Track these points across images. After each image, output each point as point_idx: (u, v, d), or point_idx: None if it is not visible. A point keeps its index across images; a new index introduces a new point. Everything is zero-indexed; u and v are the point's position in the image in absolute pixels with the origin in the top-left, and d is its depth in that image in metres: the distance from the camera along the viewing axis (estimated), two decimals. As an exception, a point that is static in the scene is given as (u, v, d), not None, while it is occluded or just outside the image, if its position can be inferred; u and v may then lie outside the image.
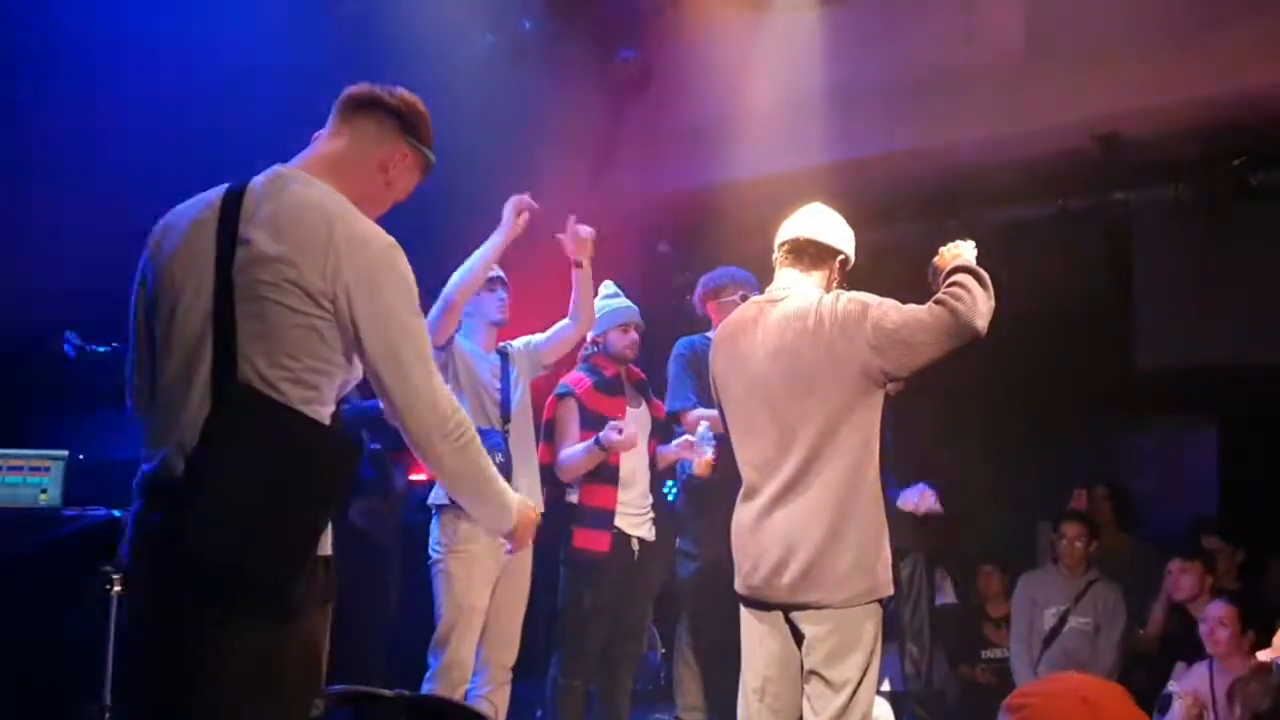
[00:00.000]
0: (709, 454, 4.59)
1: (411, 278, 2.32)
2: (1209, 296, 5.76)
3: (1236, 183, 5.60)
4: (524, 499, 2.68)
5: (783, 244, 3.50)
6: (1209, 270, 5.72)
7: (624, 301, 4.87)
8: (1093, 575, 5.56)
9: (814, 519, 3.21)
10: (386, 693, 1.63)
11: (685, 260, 6.98)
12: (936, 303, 3.13)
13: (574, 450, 4.64)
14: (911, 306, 3.17)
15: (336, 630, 3.92)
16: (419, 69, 5.49)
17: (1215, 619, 4.77)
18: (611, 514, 4.66)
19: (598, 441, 4.54)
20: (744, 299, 5.12)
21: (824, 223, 3.49)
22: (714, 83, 6.26)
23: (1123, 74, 5.06)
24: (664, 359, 5.14)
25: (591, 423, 4.68)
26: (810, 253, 3.44)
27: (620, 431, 4.49)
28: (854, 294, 3.28)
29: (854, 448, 3.23)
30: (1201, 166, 5.66)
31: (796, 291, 3.40)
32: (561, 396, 4.73)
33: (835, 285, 3.47)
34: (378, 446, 4.11)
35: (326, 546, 2.32)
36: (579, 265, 4.56)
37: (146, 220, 2.96)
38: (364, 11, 5.58)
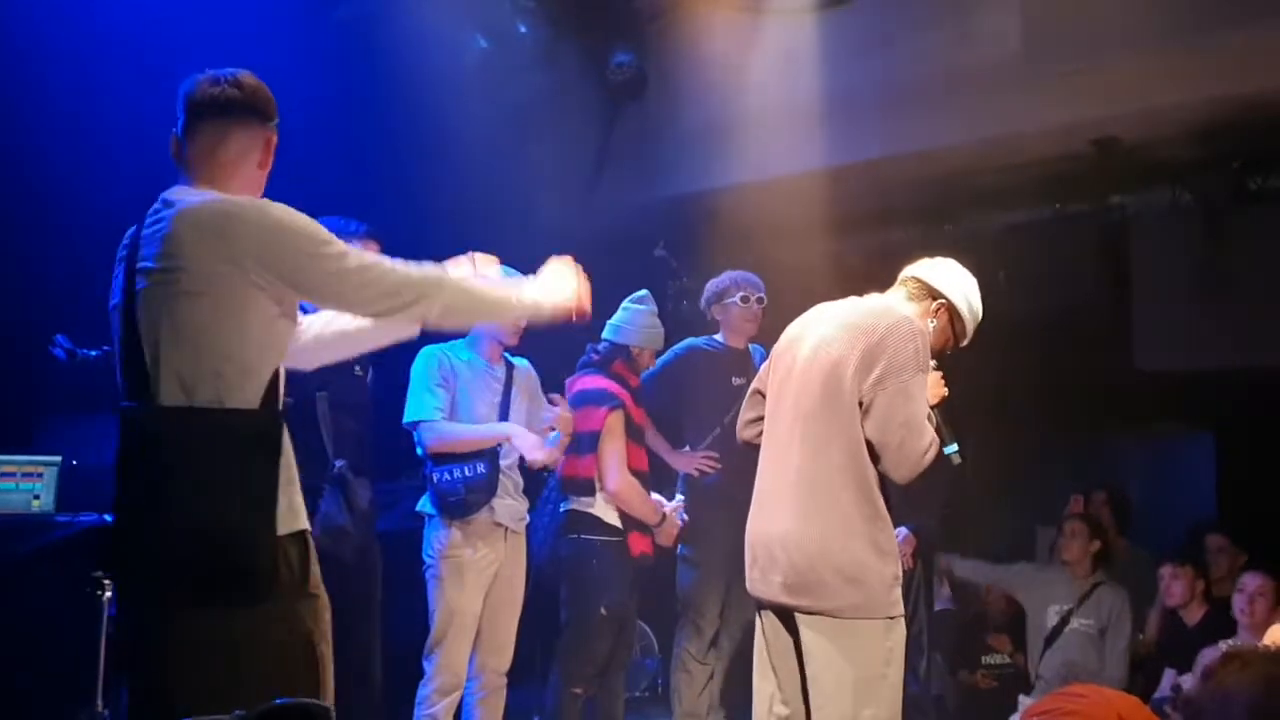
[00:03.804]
0: (677, 523, 4.77)
1: (291, 214, 2.41)
2: (1207, 301, 5.74)
3: (1235, 186, 5.59)
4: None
5: (899, 277, 3.54)
6: (1207, 274, 5.70)
7: (661, 326, 4.85)
8: (1099, 578, 5.54)
9: (809, 521, 3.19)
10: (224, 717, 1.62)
11: (682, 265, 6.97)
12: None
13: (639, 495, 4.64)
14: (913, 428, 3.18)
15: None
16: (414, 74, 5.51)
17: (1256, 589, 4.81)
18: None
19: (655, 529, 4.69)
20: (745, 300, 5.13)
21: (935, 267, 3.51)
22: (711, 87, 6.24)
23: (1120, 77, 5.05)
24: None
25: (633, 434, 4.68)
26: (911, 287, 3.47)
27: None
28: (914, 345, 3.21)
29: (858, 457, 3.20)
30: (1199, 170, 5.66)
31: (878, 299, 3.43)
32: (614, 409, 4.62)
33: (937, 330, 3.42)
34: (341, 464, 4.05)
35: (295, 523, 2.36)
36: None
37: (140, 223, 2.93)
38: (358, 17, 5.57)
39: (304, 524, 2.41)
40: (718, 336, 5.28)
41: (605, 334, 4.80)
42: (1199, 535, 5.81)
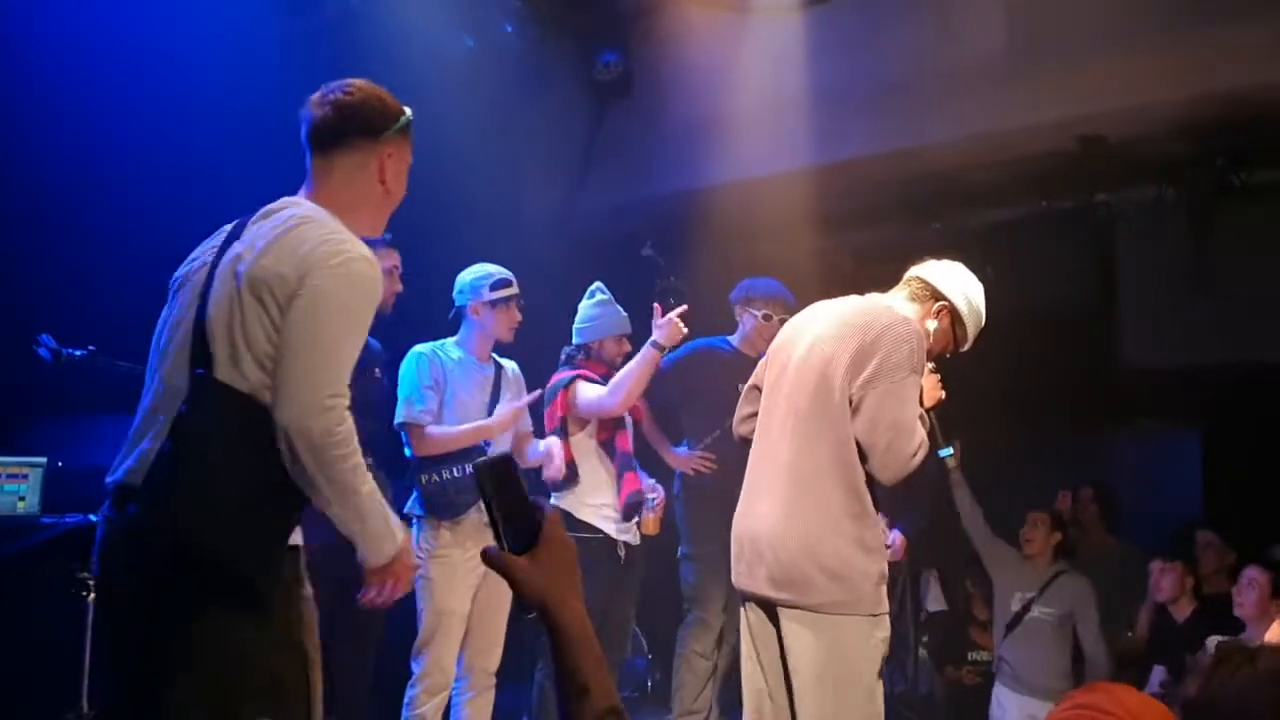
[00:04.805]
0: (653, 513, 4.69)
1: (365, 300, 2.38)
2: (1193, 297, 5.77)
3: (1220, 182, 5.60)
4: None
5: (904, 276, 3.52)
6: (1193, 270, 5.72)
7: (621, 311, 4.80)
8: (1061, 566, 5.58)
9: (795, 518, 3.18)
10: None
11: (670, 264, 6.96)
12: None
13: (624, 370, 4.56)
14: (901, 430, 3.16)
15: (329, 641, 3.94)
16: (400, 73, 5.45)
17: (1248, 581, 4.81)
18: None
19: (654, 343, 4.49)
20: (767, 319, 5.09)
21: (940, 269, 3.50)
22: (697, 86, 6.25)
23: (1105, 74, 5.07)
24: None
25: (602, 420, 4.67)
26: (914, 286, 3.45)
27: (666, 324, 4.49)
28: (909, 347, 3.18)
29: (847, 456, 3.19)
30: (1184, 166, 5.67)
31: (877, 298, 3.42)
32: (569, 384, 4.66)
33: (938, 332, 3.41)
34: (369, 461, 4.06)
35: (297, 537, 2.43)
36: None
37: (126, 223, 2.93)
38: (345, 16, 5.55)
39: (298, 539, 2.46)
40: (731, 338, 5.27)
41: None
42: (1189, 531, 5.82)
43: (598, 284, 4.85)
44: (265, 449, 2.26)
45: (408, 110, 2.62)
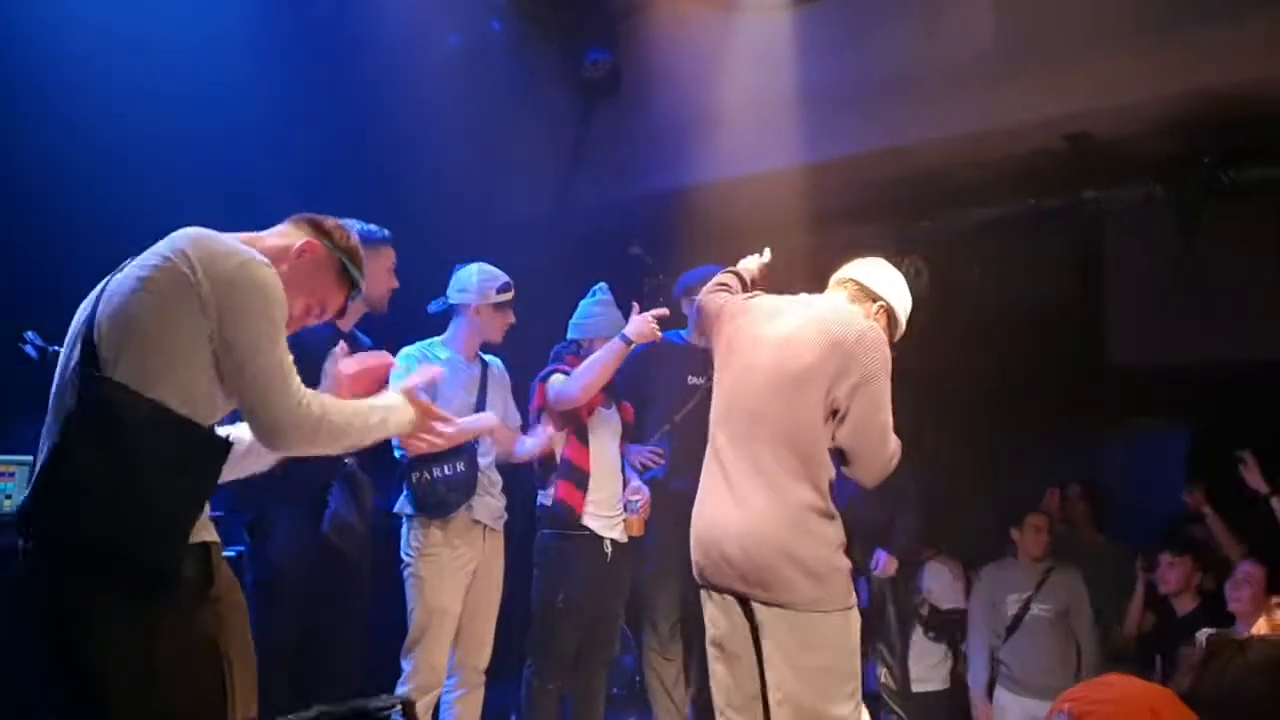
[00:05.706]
0: (637, 514, 4.72)
1: (279, 298, 2.45)
2: (1181, 295, 5.78)
3: (1208, 180, 5.61)
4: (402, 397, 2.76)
5: (833, 280, 3.56)
6: (1181, 269, 5.74)
7: (619, 315, 4.79)
8: (1050, 563, 5.61)
9: (767, 519, 3.21)
10: (306, 713, 1.64)
11: (658, 263, 6.95)
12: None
13: (588, 360, 4.55)
14: (887, 433, 3.27)
15: (314, 642, 3.93)
16: (388, 71, 5.49)
17: (1243, 576, 4.84)
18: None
19: (623, 336, 4.50)
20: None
21: (873, 270, 3.53)
22: (685, 84, 6.23)
23: (1093, 73, 5.07)
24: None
25: (568, 419, 4.65)
26: (851, 289, 3.49)
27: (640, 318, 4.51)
28: (883, 352, 3.25)
29: (817, 459, 3.24)
30: (1172, 165, 5.68)
31: (834, 302, 3.44)
32: (547, 377, 4.67)
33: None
34: (351, 462, 4.07)
35: (204, 534, 2.44)
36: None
37: (112, 221, 2.91)
38: (334, 14, 5.54)
39: (211, 537, 2.49)
40: (685, 331, 5.27)
41: None
42: (1182, 527, 5.83)
43: (601, 284, 4.87)
44: (151, 443, 2.30)
45: (361, 285, 2.75)
